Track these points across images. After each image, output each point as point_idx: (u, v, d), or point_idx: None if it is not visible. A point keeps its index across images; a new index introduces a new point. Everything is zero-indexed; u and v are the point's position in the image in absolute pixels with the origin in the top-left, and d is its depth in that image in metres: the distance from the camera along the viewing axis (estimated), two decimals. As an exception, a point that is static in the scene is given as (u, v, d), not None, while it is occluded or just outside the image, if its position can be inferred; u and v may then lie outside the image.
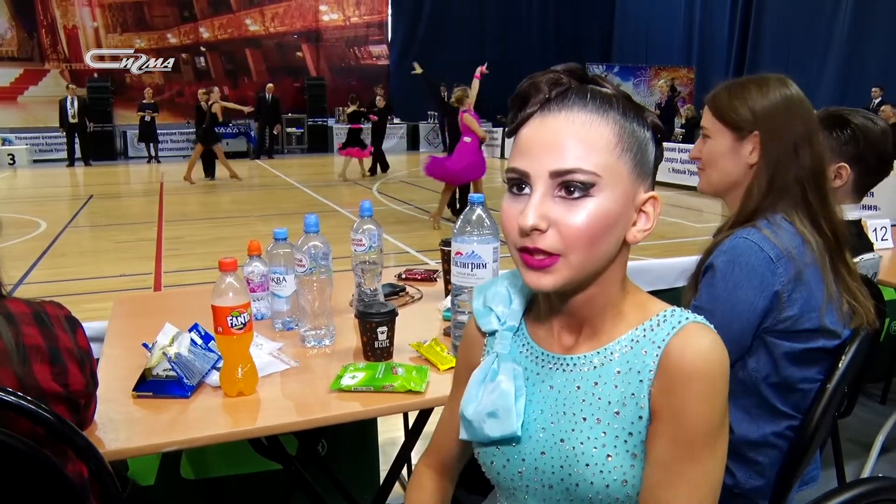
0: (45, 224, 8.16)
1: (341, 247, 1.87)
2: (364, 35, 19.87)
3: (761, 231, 1.39)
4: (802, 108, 1.46)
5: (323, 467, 2.25)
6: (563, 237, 0.82)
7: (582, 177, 0.81)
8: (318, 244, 1.70)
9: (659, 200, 0.88)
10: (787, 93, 1.46)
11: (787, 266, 1.36)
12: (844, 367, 1.44)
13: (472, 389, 0.97)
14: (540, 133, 0.84)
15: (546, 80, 0.86)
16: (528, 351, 0.97)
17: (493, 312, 1.00)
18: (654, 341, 0.86)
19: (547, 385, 0.94)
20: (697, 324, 0.86)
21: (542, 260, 0.83)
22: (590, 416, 0.89)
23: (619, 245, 0.87)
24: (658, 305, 0.91)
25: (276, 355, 1.62)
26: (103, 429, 1.30)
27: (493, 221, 1.57)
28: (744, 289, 1.37)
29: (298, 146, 18.11)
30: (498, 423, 0.92)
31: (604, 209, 0.82)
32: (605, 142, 0.83)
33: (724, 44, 17.32)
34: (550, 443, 0.91)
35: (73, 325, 1.23)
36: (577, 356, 0.92)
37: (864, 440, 2.89)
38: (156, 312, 1.97)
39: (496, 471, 0.97)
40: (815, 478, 1.62)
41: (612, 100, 0.85)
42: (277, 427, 1.36)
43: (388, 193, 10.65)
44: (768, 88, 1.47)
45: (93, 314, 2.34)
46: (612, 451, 0.86)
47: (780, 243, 1.37)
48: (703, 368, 0.83)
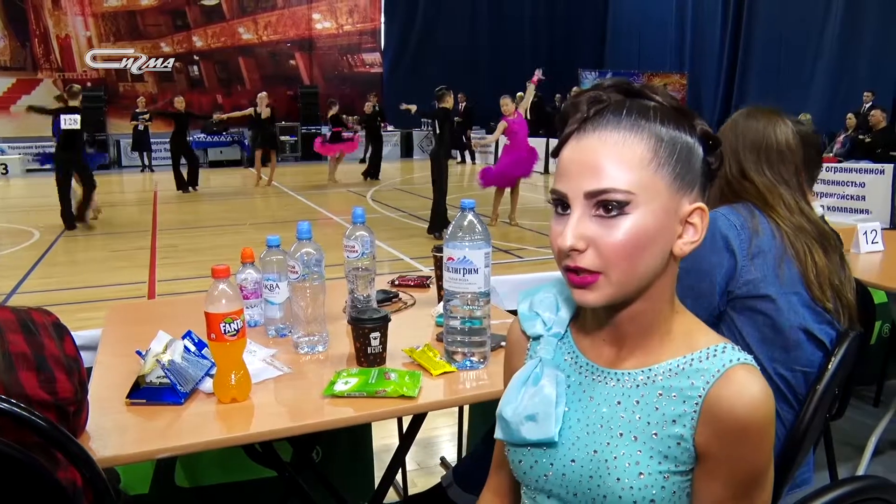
0: (38, 233, 8.13)
1: (335, 254, 1.88)
2: (357, 43, 19.89)
3: (732, 207, 1.59)
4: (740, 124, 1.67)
5: (317, 474, 2.25)
6: (601, 255, 0.83)
7: (616, 196, 0.82)
8: (311, 251, 1.70)
9: (706, 211, 0.88)
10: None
11: (748, 235, 1.52)
12: (834, 367, 1.46)
13: (513, 391, 0.97)
14: (576, 154, 0.86)
15: (586, 98, 0.87)
16: (572, 360, 0.98)
17: (540, 317, 1.01)
18: (703, 375, 0.86)
19: (588, 396, 0.94)
20: (745, 367, 0.86)
21: (584, 277, 0.85)
22: (627, 432, 0.89)
23: (666, 259, 0.87)
24: (708, 337, 0.91)
25: (269, 362, 1.63)
26: (96, 436, 1.30)
27: (485, 227, 1.58)
28: (708, 249, 1.52)
29: (292, 154, 18.11)
30: (536, 427, 0.93)
31: (641, 225, 0.83)
32: (639, 158, 0.83)
33: (717, 50, 17.42)
34: (583, 453, 0.92)
35: (60, 332, 1.23)
36: (621, 371, 0.93)
37: (856, 442, 2.90)
38: (149, 320, 1.97)
39: (523, 470, 0.97)
40: (807, 480, 1.63)
41: (649, 112, 0.85)
42: (271, 433, 1.37)
43: (382, 201, 10.65)
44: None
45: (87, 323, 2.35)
46: (646, 469, 0.87)
47: (747, 218, 1.55)
48: (757, 419, 0.84)
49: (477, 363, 1.59)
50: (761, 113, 1.67)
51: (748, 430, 0.84)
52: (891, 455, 2.98)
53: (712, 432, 0.85)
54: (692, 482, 0.88)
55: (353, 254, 1.87)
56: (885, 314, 3.39)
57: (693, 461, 0.87)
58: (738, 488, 0.87)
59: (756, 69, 16.15)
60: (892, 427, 2.96)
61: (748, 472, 0.86)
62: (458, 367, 1.59)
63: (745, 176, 1.61)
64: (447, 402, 1.54)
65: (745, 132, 1.64)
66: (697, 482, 0.88)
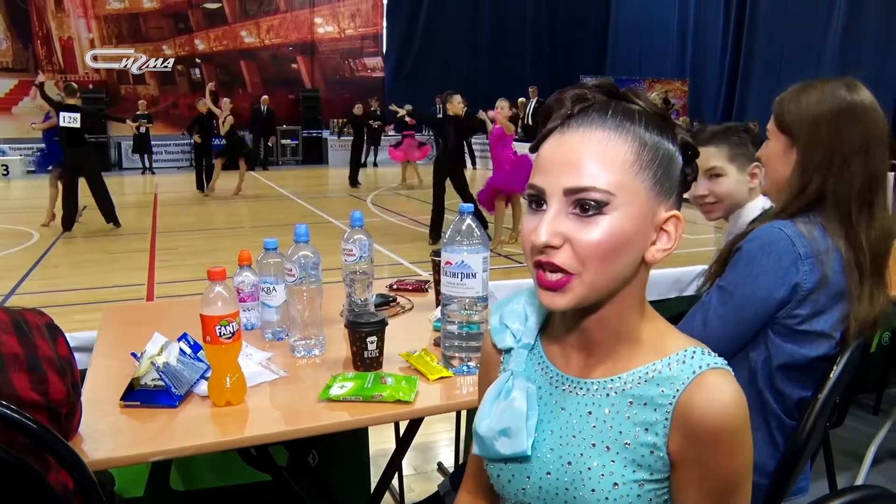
0: (37, 235, 8.13)
1: (335, 258, 1.87)
2: (359, 47, 19.91)
3: (797, 226, 1.39)
4: (860, 118, 1.41)
5: (313, 478, 2.24)
6: (576, 254, 0.82)
7: (595, 195, 0.81)
8: (308, 254, 1.69)
9: (682, 220, 0.87)
10: (847, 100, 1.42)
11: (813, 266, 1.37)
12: (836, 376, 1.44)
13: (486, 406, 0.96)
14: (557, 150, 0.84)
15: (571, 95, 0.85)
16: (542, 370, 0.97)
17: (509, 329, 1.00)
18: (673, 382, 0.85)
19: (559, 406, 0.93)
20: (717, 372, 0.85)
21: (557, 280, 0.83)
22: (599, 442, 0.88)
23: (637, 265, 0.86)
24: (678, 341, 0.89)
25: (265, 365, 1.62)
26: (89, 438, 1.29)
27: (483, 231, 1.57)
28: (766, 278, 1.38)
29: (293, 158, 18.12)
30: (510, 442, 0.92)
31: (618, 227, 0.81)
32: (622, 160, 0.82)
33: (718, 57, 17.46)
34: (557, 464, 0.91)
35: (53, 333, 1.22)
36: (591, 381, 0.91)
37: (856, 451, 2.89)
38: (145, 322, 1.96)
39: (501, 484, 0.97)
40: (803, 489, 1.62)
41: (634, 115, 0.84)
42: (265, 437, 1.35)
43: (382, 205, 10.65)
44: (826, 94, 1.43)
45: (84, 325, 2.33)
46: (620, 479, 0.86)
47: (813, 242, 1.37)
48: (730, 424, 0.83)
49: (474, 368, 1.57)
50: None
51: (720, 435, 0.83)
52: (890, 464, 2.96)
53: (685, 439, 0.84)
54: (669, 490, 0.87)
55: (351, 257, 1.86)
56: (886, 322, 3.37)
57: (668, 469, 0.86)
58: (714, 495, 0.85)
59: (757, 76, 16.16)
60: (892, 436, 2.95)
61: (723, 479, 0.85)
62: (455, 372, 1.58)
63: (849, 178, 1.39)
64: (444, 407, 1.52)
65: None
66: (673, 490, 0.87)
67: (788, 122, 1.46)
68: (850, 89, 1.43)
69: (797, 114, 1.45)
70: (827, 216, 1.41)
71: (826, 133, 1.40)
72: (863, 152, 1.39)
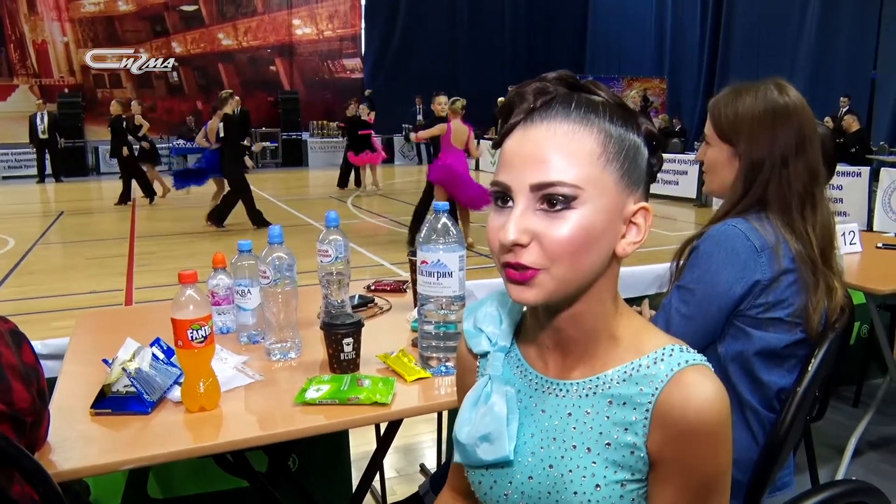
0: (13, 241, 8.02)
1: (313, 261, 1.85)
2: (338, 48, 19.88)
3: (750, 222, 1.44)
4: (793, 119, 1.45)
5: (294, 483, 2.21)
6: (545, 250, 0.80)
7: (563, 189, 0.79)
8: (283, 255, 1.67)
9: (650, 211, 0.85)
10: (780, 103, 1.46)
11: (769, 258, 1.40)
12: (814, 368, 1.44)
13: (466, 412, 0.94)
14: (522, 145, 0.82)
15: (532, 89, 0.83)
16: (521, 372, 0.95)
17: (484, 333, 0.98)
18: (652, 380, 0.83)
19: (539, 409, 0.91)
20: (696, 369, 0.83)
21: (524, 273, 0.81)
22: (580, 444, 0.87)
23: (608, 259, 0.84)
24: (656, 339, 0.88)
25: (240, 369, 1.59)
26: (59, 447, 1.25)
27: (459, 230, 1.55)
28: (725, 273, 1.42)
29: (273, 160, 18.02)
30: (491, 447, 0.90)
31: (587, 221, 0.79)
32: (588, 152, 0.80)
33: (696, 55, 17.61)
34: (539, 468, 0.89)
35: (18, 340, 1.19)
36: (569, 382, 0.90)
37: (837, 443, 2.90)
38: (119, 328, 1.92)
39: (483, 491, 0.95)
40: (788, 483, 1.61)
41: (598, 107, 0.82)
42: (240, 442, 1.33)
43: (362, 206, 10.62)
44: (759, 99, 1.48)
45: (62, 332, 2.30)
46: (602, 481, 0.85)
47: (766, 235, 1.42)
48: (709, 420, 0.81)
49: (452, 369, 1.55)
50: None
51: (699, 433, 0.81)
52: (870, 456, 2.98)
53: (664, 438, 0.83)
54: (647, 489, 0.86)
55: (327, 258, 1.84)
56: (864, 315, 3.40)
57: (649, 468, 0.85)
58: (693, 493, 0.84)
59: (734, 74, 16.27)
60: (872, 428, 2.97)
61: (703, 477, 0.83)
62: (432, 373, 1.56)
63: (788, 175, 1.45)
64: (422, 408, 1.50)
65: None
66: (651, 488, 0.85)
67: (727, 131, 1.51)
68: (781, 91, 1.48)
69: (735, 121, 1.49)
70: (772, 213, 1.45)
71: (763, 140, 1.46)
72: (800, 152, 1.45)
